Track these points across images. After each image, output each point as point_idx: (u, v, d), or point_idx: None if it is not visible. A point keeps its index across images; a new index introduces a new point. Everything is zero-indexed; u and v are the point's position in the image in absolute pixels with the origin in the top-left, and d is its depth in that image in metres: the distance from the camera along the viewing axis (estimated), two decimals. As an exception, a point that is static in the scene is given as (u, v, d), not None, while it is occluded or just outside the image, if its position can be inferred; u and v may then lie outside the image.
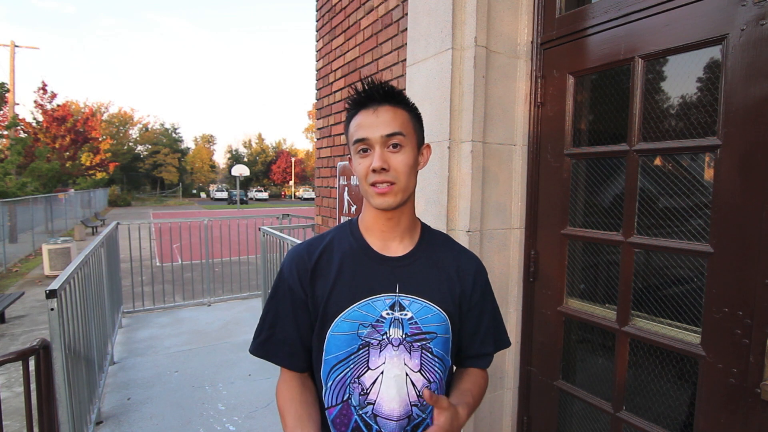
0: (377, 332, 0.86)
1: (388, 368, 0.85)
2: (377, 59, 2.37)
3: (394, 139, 0.83)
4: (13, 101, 15.08)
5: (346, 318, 0.85)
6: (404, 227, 0.91)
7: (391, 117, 0.84)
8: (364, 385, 0.86)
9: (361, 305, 0.86)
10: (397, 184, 0.83)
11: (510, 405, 1.83)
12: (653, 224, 1.38)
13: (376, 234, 0.91)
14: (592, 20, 1.50)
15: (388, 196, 0.83)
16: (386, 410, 0.85)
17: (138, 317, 4.92)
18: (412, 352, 0.86)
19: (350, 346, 0.85)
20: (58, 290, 1.94)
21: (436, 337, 0.88)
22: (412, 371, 0.86)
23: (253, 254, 7.78)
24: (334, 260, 0.89)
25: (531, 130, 1.74)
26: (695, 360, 1.26)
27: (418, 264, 0.91)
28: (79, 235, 12.67)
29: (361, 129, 0.84)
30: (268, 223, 5.53)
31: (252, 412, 2.86)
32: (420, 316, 0.87)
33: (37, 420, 1.76)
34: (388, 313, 0.86)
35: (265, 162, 56.65)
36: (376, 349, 0.86)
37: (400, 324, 0.86)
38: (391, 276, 0.88)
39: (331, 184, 3.09)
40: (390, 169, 0.83)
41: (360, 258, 0.89)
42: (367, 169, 0.83)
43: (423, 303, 0.88)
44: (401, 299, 0.87)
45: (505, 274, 1.78)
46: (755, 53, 1.10)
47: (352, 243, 0.91)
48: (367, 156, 0.84)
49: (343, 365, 0.86)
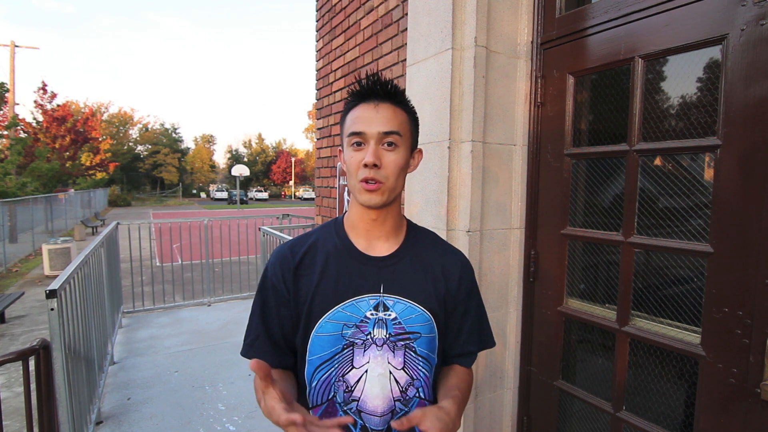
0: (361, 332, 0.86)
1: (372, 367, 0.86)
2: (377, 59, 2.37)
3: (390, 137, 0.83)
4: (13, 101, 15.09)
5: (330, 319, 0.86)
6: (390, 227, 0.91)
7: (391, 115, 0.84)
8: (348, 382, 0.86)
9: (346, 306, 0.86)
10: (386, 183, 0.83)
11: (510, 405, 1.83)
12: (653, 224, 1.38)
13: (361, 233, 0.91)
14: (592, 20, 1.50)
15: (375, 194, 0.83)
16: (370, 407, 0.86)
17: (138, 317, 4.92)
18: (395, 351, 0.87)
19: (335, 347, 0.86)
20: (58, 290, 1.94)
21: (419, 336, 0.88)
22: (395, 369, 0.87)
23: (253, 254, 7.78)
24: (318, 260, 0.89)
25: (531, 130, 1.74)
26: (695, 360, 1.26)
27: (402, 264, 0.91)
28: (79, 235, 12.67)
29: (359, 122, 0.83)
30: (268, 223, 5.54)
31: (252, 412, 2.86)
32: (404, 317, 0.87)
33: (37, 420, 1.76)
34: (372, 314, 0.86)
35: (265, 162, 56.66)
36: (360, 349, 0.86)
37: (384, 324, 0.86)
38: (376, 276, 0.88)
39: (331, 184, 3.09)
40: (381, 167, 0.82)
41: (344, 258, 0.89)
42: (359, 163, 0.82)
43: (407, 303, 0.88)
44: (385, 299, 0.87)
45: (505, 274, 1.78)
46: (755, 53, 1.10)
47: (337, 243, 0.91)
48: (361, 150, 0.83)
49: (327, 365, 0.86)
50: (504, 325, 1.78)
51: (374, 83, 0.85)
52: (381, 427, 0.87)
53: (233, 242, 9.08)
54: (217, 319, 4.85)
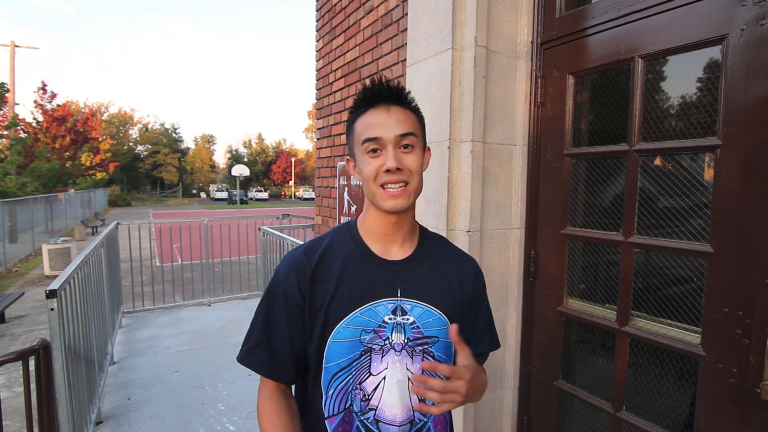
0: (379, 337, 0.84)
1: (390, 374, 0.84)
2: (377, 59, 2.37)
3: (407, 139, 0.82)
4: (13, 101, 15.09)
5: (348, 324, 0.84)
6: (406, 230, 0.91)
7: (403, 117, 0.83)
8: (365, 390, 0.84)
9: (363, 311, 0.84)
10: (411, 183, 0.83)
11: (510, 405, 1.83)
12: (653, 224, 1.38)
13: (378, 237, 0.90)
14: (592, 20, 1.50)
15: (400, 198, 0.82)
16: (389, 416, 0.84)
17: (138, 317, 4.92)
18: (414, 357, 0.86)
19: (353, 353, 0.84)
20: (58, 290, 1.94)
21: (437, 341, 0.88)
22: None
23: (253, 254, 7.78)
24: (335, 265, 0.87)
25: (531, 130, 1.74)
26: (695, 360, 1.26)
27: (418, 267, 0.90)
28: (79, 235, 12.67)
29: (373, 128, 0.82)
30: (268, 223, 5.53)
31: (252, 412, 2.86)
32: (422, 320, 0.87)
33: (37, 420, 1.76)
34: (391, 318, 0.85)
35: (265, 162, 56.65)
36: (378, 355, 0.84)
37: (402, 329, 0.85)
38: (393, 280, 0.87)
39: (331, 184, 3.09)
40: (404, 168, 0.82)
41: (361, 262, 0.88)
42: (378, 169, 0.81)
43: (424, 307, 0.87)
44: (403, 303, 0.86)
45: (505, 274, 1.78)
46: (755, 53, 1.10)
47: (353, 247, 0.89)
48: (378, 156, 0.82)
49: (345, 372, 0.84)
50: (504, 325, 1.78)
51: (383, 87, 0.84)
52: None
53: (233, 242, 9.08)
54: (217, 319, 4.85)
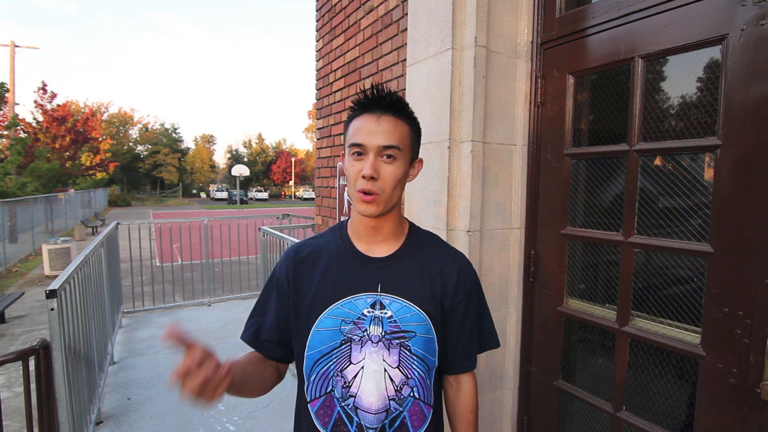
0: (358, 329, 0.89)
1: (367, 363, 0.89)
2: (377, 59, 2.37)
3: (389, 151, 0.86)
4: (13, 101, 15.08)
5: (329, 314, 0.90)
6: (388, 231, 0.95)
7: (392, 128, 0.86)
8: (346, 378, 0.89)
9: (344, 303, 0.90)
10: (381, 195, 0.86)
11: (510, 405, 1.83)
12: (653, 224, 1.38)
13: (362, 237, 0.96)
14: (592, 20, 1.50)
15: (371, 205, 0.87)
16: (365, 403, 0.88)
17: (138, 317, 4.92)
18: (390, 349, 0.90)
19: (333, 341, 0.90)
20: (58, 290, 1.94)
21: (414, 336, 0.90)
22: (390, 367, 0.89)
23: (253, 254, 7.78)
24: (321, 260, 0.95)
25: (531, 130, 1.74)
26: (695, 360, 1.26)
27: (401, 265, 0.94)
28: (79, 235, 12.67)
29: (360, 134, 0.86)
30: (268, 223, 5.53)
31: (252, 412, 2.87)
32: (399, 315, 0.90)
33: (37, 420, 1.76)
34: (369, 311, 0.90)
35: (265, 162, 56.62)
36: (358, 345, 0.89)
37: (380, 322, 0.90)
38: (374, 276, 0.92)
39: (331, 184, 3.09)
40: (378, 179, 0.85)
41: (345, 259, 0.94)
42: (358, 173, 0.86)
43: (403, 303, 0.91)
44: (382, 298, 0.91)
45: (505, 274, 1.78)
46: (755, 53, 1.10)
47: (339, 245, 0.97)
48: (361, 160, 0.86)
49: (326, 359, 0.90)
50: (504, 325, 1.78)
51: (377, 95, 0.87)
52: (375, 425, 0.88)
53: (233, 242, 9.08)
54: (217, 319, 4.85)
